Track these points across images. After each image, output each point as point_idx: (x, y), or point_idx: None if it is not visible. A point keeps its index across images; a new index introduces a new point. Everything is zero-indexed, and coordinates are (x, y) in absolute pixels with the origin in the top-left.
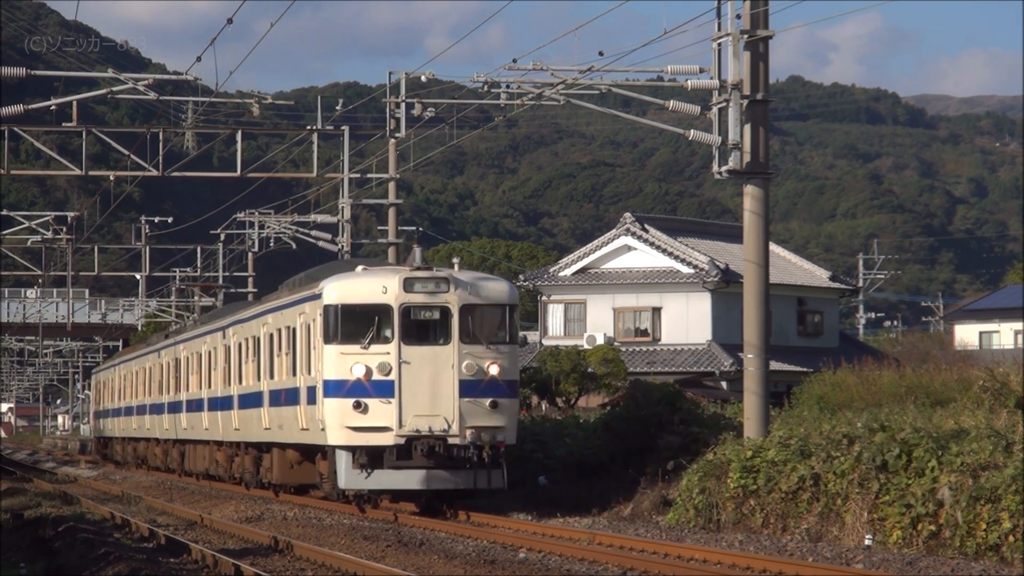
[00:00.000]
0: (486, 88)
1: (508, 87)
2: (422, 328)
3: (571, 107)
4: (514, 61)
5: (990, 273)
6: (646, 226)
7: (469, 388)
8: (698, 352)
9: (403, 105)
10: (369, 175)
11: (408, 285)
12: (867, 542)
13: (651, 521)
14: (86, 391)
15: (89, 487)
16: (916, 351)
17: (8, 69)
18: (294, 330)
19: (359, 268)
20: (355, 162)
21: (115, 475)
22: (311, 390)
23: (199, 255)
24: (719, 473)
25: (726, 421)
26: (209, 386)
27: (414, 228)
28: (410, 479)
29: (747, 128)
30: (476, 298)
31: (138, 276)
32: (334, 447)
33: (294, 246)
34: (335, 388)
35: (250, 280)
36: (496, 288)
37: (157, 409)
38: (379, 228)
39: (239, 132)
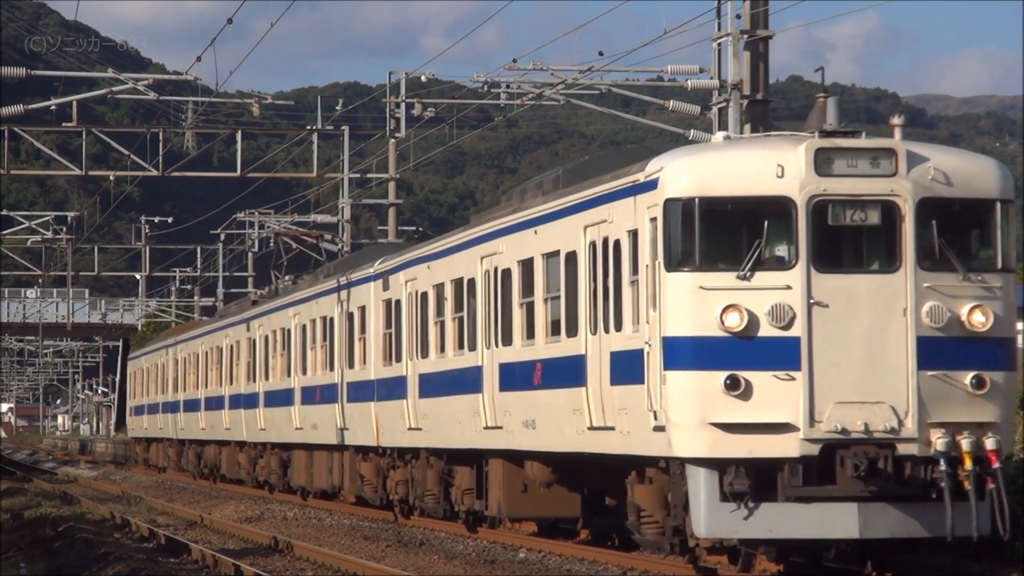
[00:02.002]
0: (486, 88)
1: (508, 87)
2: (847, 241)
3: (571, 107)
4: (514, 61)
5: None
6: None
7: (935, 352)
8: None
9: (403, 105)
10: (369, 175)
11: (823, 162)
12: None
13: None
14: (86, 391)
15: (89, 487)
16: None
17: (8, 69)
18: (571, 257)
19: (718, 136)
20: (355, 162)
21: (115, 475)
22: (623, 359)
23: (199, 255)
24: None
25: None
26: (350, 365)
27: (414, 228)
28: (831, 521)
29: (747, 128)
30: (945, 187)
31: (138, 276)
32: (683, 460)
33: (294, 246)
34: (689, 352)
35: (250, 280)
36: (978, 170)
37: (245, 401)
38: (379, 228)
39: (239, 132)
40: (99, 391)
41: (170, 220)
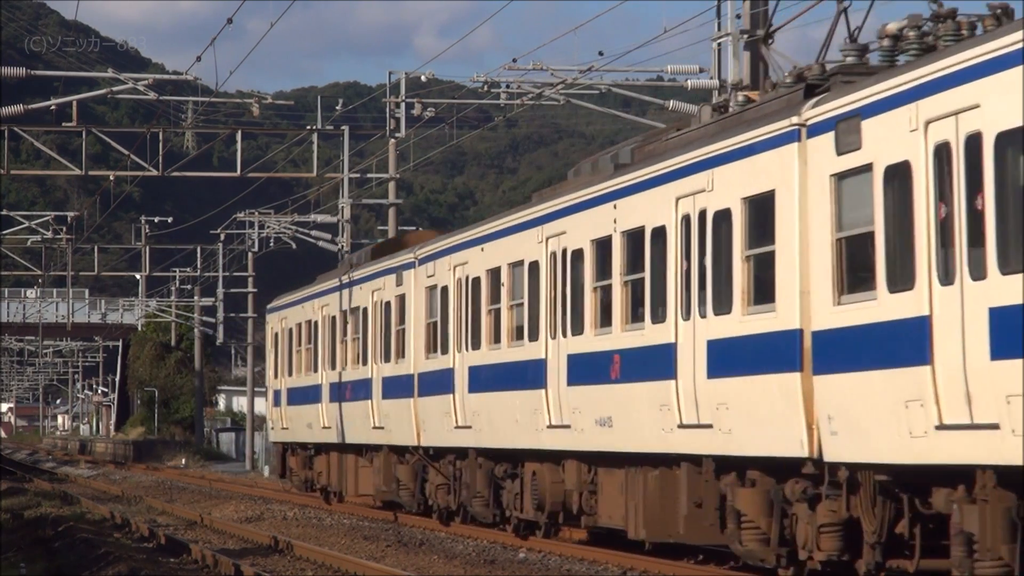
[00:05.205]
0: (486, 88)
1: (508, 87)
2: None
3: (571, 107)
4: (514, 61)
5: None
6: None
7: None
8: None
9: (403, 105)
10: (369, 175)
11: None
12: None
13: None
14: (86, 391)
15: (89, 487)
16: None
17: (8, 69)
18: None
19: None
20: (355, 162)
21: (115, 475)
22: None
23: (199, 255)
24: None
25: None
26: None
27: (414, 228)
28: None
29: None
30: None
31: (138, 276)
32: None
33: (294, 246)
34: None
35: (250, 280)
36: None
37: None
38: (379, 228)
39: (239, 132)
40: (99, 391)
41: (170, 220)
